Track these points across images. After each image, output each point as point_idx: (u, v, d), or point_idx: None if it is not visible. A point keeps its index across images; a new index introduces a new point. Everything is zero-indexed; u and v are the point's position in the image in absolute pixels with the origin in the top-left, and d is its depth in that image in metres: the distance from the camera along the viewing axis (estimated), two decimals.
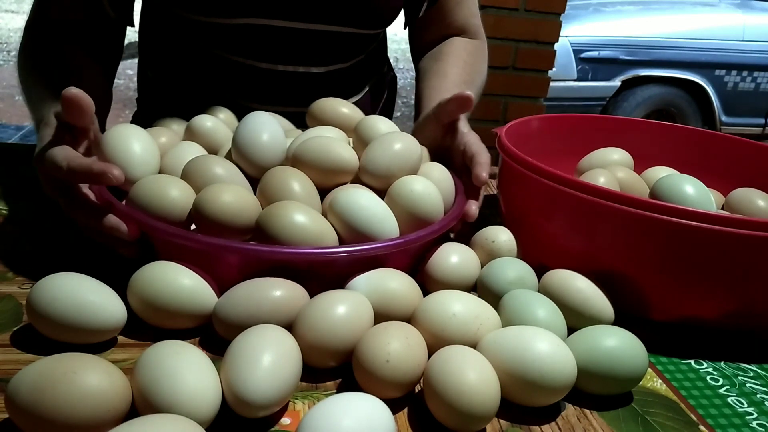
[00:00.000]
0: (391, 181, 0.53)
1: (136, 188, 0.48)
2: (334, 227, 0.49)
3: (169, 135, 0.58)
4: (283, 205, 0.47)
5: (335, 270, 0.47)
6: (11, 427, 0.34)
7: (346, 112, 0.63)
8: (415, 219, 0.51)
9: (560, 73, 3.01)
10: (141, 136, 0.52)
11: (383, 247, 0.47)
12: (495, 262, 0.51)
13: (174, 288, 0.43)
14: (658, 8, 3.50)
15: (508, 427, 0.39)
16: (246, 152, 0.52)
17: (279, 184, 0.50)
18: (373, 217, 0.48)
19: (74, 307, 0.40)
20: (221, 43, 0.71)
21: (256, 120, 0.54)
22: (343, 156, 0.53)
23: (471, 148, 0.58)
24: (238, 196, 0.48)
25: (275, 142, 0.53)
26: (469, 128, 0.62)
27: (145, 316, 0.44)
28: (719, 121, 3.44)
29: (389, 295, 0.45)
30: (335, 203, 0.49)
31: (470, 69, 0.77)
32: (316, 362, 0.42)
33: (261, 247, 0.45)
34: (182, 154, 0.54)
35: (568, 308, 0.47)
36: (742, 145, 0.70)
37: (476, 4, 0.84)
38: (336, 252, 0.46)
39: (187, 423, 0.32)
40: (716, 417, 0.42)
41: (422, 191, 0.51)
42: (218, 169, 0.50)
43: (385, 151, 0.53)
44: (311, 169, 0.52)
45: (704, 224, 0.45)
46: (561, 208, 0.53)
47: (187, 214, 0.48)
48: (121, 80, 4.41)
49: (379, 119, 0.59)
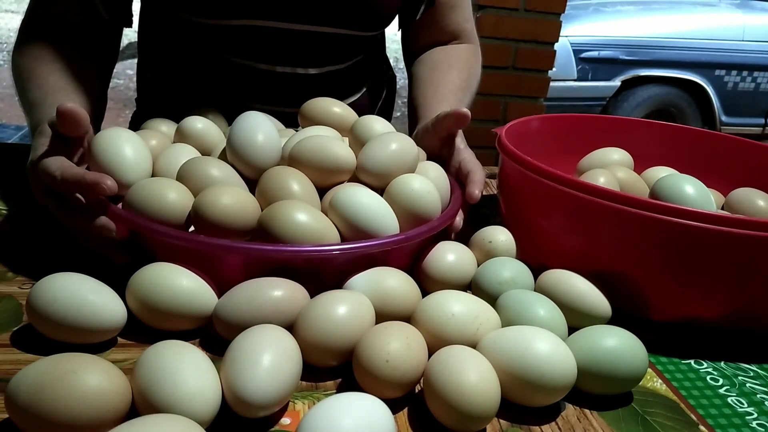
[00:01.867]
0: (388, 179, 0.53)
1: (133, 192, 0.48)
2: (335, 225, 0.49)
3: (159, 137, 0.57)
4: (285, 205, 0.47)
5: (339, 267, 0.47)
6: (11, 427, 0.34)
7: (339, 111, 0.63)
8: (414, 216, 0.51)
9: (560, 73, 3.01)
10: (132, 139, 0.51)
11: (392, 242, 0.48)
12: (490, 262, 0.51)
13: (173, 290, 0.43)
14: (658, 8, 3.50)
15: (508, 427, 0.39)
16: (242, 153, 0.52)
17: (278, 184, 0.50)
18: (374, 215, 0.49)
19: (74, 307, 0.40)
20: (220, 45, 0.71)
21: (251, 120, 0.54)
22: (341, 155, 0.53)
23: (467, 166, 0.59)
24: (238, 197, 0.48)
25: (271, 143, 0.53)
26: (465, 144, 0.63)
27: (144, 318, 0.44)
28: (719, 121, 3.44)
29: (388, 294, 0.45)
30: (337, 201, 0.49)
31: (465, 75, 0.77)
32: (317, 361, 0.42)
33: (284, 248, 0.45)
34: (175, 156, 0.53)
35: (564, 306, 0.47)
36: (742, 145, 0.70)
37: (470, 8, 0.84)
38: (345, 249, 0.46)
39: (187, 423, 0.32)
40: (716, 417, 0.42)
41: (421, 189, 0.51)
42: (215, 171, 0.50)
43: (382, 150, 0.54)
44: (309, 169, 0.52)
45: (704, 224, 0.45)
46: (561, 208, 0.53)
47: (186, 217, 0.48)
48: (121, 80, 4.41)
49: (375, 119, 0.60)
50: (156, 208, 0.47)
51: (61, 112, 0.47)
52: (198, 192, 0.48)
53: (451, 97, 0.72)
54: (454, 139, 0.62)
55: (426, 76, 0.77)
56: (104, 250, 0.49)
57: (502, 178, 0.61)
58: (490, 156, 2.01)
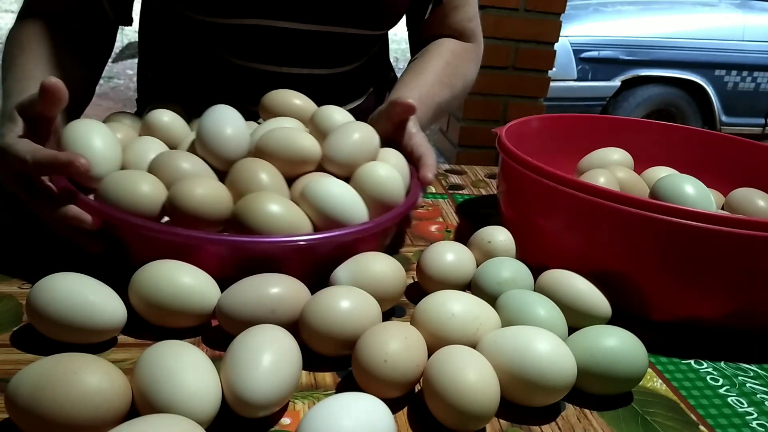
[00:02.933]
0: (353, 168, 0.54)
1: (106, 183, 0.48)
2: (307, 215, 0.50)
3: (126, 130, 0.58)
4: (259, 196, 0.49)
5: (317, 256, 0.49)
6: (11, 427, 0.34)
7: (299, 103, 0.64)
8: (381, 202, 0.53)
9: (560, 73, 3.01)
10: (102, 131, 0.52)
11: (373, 226, 0.50)
12: (489, 262, 0.51)
13: (175, 287, 0.43)
14: (658, 8, 3.50)
15: (508, 427, 0.39)
16: (211, 146, 0.53)
17: (248, 175, 0.51)
18: (344, 204, 0.51)
19: (74, 307, 0.40)
20: (224, 45, 0.71)
21: (219, 113, 0.55)
22: (307, 146, 0.54)
23: (419, 150, 0.60)
24: (211, 188, 0.49)
25: (239, 135, 0.55)
26: (418, 128, 0.63)
27: (146, 316, 0.44)
28: (719, 121, 3.44)
29: (377, 278, 0.47)
30: (308, 192, 0.51)
31: (451, 70, 0.77)
32: (324, 350, 0.42)
33: (276, 239, 0.47)
34: (144, 149, 0.54)
35: (564, 306, 0.47)
36: (742, 145, 0.70)
37: (475, 7, 0.84)
38: (323, 237, 0.48)
39: (187, 423, 0.32)
40: (716, 417, 0.42)
41: (387, 176, 0.53)
42: (186, 164, 0.52)
43: (346, 140, 0.55)
44: (276, 160, 0.54)
45: (704, 224, 0.45)
46: (561, 208, 0.53)
47: (159, 209, 0.49)
48: (121, 80, 4.41)
49: (335, 109, 0.61)
50: (130, 200, 0.48)
51: (44, 86, 0.47)
52: (170, 184, 0.49)
53: (425, 88, 0.72)
54: (406, 123, 0.63)
55: (412, 65, 0.78)
56: (76, 239, 0.49)
57: (502, 178, 0.61)
58: (490, 156, 2.01)
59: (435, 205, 0.74)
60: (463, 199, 0.77)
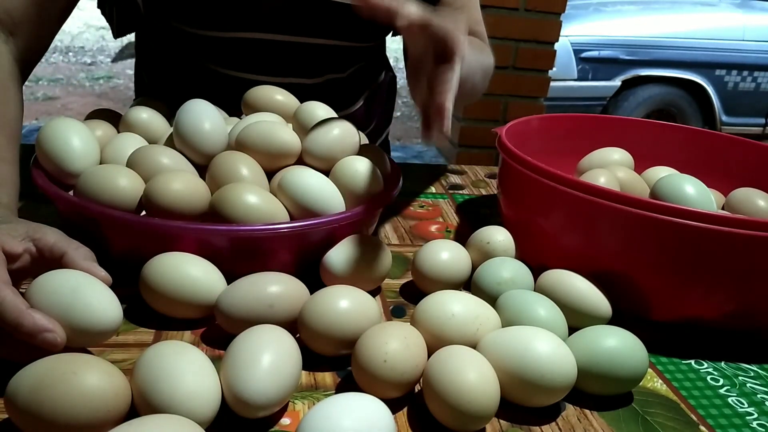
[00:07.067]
0: (332, 162, 0.55)
1: (84, 178, 0.49)
2: (284, 206, 0.51)
3: (104, 128, 0.58)
4: (235, 187, 0.49)
5: (295, 245, 0.50)
6: (11, 427, 0.34)
7: (281, 99, 0.65)
8: (358, 195, 0.54)
9: (560, 73, 3.01)
10: (79, 129, 0.53)
11: (353, 215, 0.51)
12: (489, 262, 0.51)
13: (183, 277, 0.44)
14: (658, 8, 3.50)
15: (508, 427, 0.39)
16: (189, 140, 0.54)
17: (228, 168, 0.52)
18: (320, 195, 0.51)
19: (71, 306, 0.39)
20: (215, 56, 0.71)
21: (196, 108, 0.55)
22: (287, 139, 0.55)
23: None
24: (188, 182, 0.50)
25: (217, 129, 0.55)
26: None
27: (155, 306, 0.45)
28: (719, 121, 3.44)
29: (370, 258, 0.49)
30: (285, 183, 0.51)
31: (477, 45, 0.75)
32: (324, 350, 0.42)
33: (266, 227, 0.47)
34: (122, 145, 0.55)
35: (564, 306, 0.47)
36: (742, 145, 0.70)
37: (479, 11, 0.82)
38: (307, 225, 0.49)
39: (187, 423, 0.32)
40: (716, 417, 0.42)
41: (364, 170, 0.54)
42: (164, 158, 0.52)
43: (326, 135, 0.56)
44: (256, 153, 0.54)
45: (704, 224, 0.45)
46: (561, 208, 0.52)
47: (137, 203, 0.49)
48: (121, 80, 4.41)
49: (318, 105, 0.61)
50: (108, 195, 0.48)
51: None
52: (149, 179, 0.49)
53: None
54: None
55: None
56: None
57: (502, 178, 0.61)
58: (490, 156, 2.01)
59: (435, 205, 0.74)
60: (463, 199, 0.77)
